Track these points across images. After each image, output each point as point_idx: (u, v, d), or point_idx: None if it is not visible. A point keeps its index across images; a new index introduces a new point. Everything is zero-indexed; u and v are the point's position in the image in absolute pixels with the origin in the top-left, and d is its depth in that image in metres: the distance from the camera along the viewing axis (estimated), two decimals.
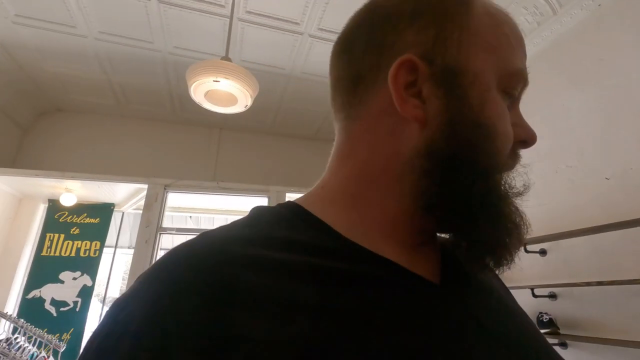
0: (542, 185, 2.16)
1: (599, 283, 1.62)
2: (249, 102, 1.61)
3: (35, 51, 2.69)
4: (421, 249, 0.33)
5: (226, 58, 1.60)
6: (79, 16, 2.36)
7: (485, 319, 0.31)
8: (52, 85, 3.12)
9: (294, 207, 0.33)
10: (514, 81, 0.32)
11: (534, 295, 1.99)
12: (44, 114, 3.48)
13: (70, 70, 2.91)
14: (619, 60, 1.83)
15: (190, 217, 4.40)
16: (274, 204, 0.35)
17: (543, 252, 2.08)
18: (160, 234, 2.94)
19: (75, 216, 3.47)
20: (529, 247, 2.08)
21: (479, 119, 0.30)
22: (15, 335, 2.07)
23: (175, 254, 0.28)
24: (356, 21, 0.35)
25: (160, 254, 3.04)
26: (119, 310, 0.26)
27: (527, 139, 0.34)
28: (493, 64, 0.31)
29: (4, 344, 1.94)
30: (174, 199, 3.70)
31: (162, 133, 3.64)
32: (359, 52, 0.33)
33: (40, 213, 3.44)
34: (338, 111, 0.36)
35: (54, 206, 3.43)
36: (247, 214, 0.33)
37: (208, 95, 1.58)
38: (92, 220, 3.51)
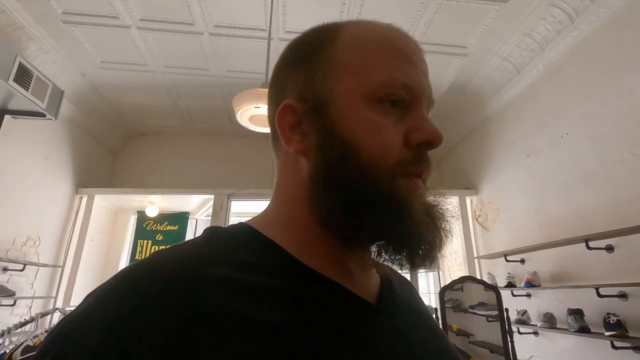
0: (604, 175, 1.99)
1: None
2: None
3: (118, 88, 3.20)
4: (362, 273, 0.37)
5: (266, 84, 1.78)
6: (148, 55, 2.76)
7: (415, 340, 0.35)
8: (133, 114, 3.65)
9: (246, 228, 0.36)
10: (388, 90, 0.33)
11: (599, 295, 1.85)
12: (129, 138, 4.08)
13: (145, 100, 3.38)
14: None
15: None
16: None
17: (610, 249, 1.92)
18: None
19: (158, 224, 4.01)
20: (592, 244, 1.94)
21: (341, 136, 0.33)
22: None
23: (134, 271, 0.28)
24: (272, 75, 0.42)
25: None
26: (72, 327, 0.25)
27: (428, 139, 0.33)
28: (356, 83, 0.34)
29: None
30: (240, 205, 4.07)
31: (224, 146, 4.03)
32: (270, 102, 0.40)
33: (132, 223, 4.04)
34: (273, 151, 0.42)
35: (141, 217, 4.00)
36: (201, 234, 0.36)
37: (252, 118, 1.77)
38: (172, 228, 4.02)
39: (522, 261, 2.62)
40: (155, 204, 3.84)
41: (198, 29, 2.49)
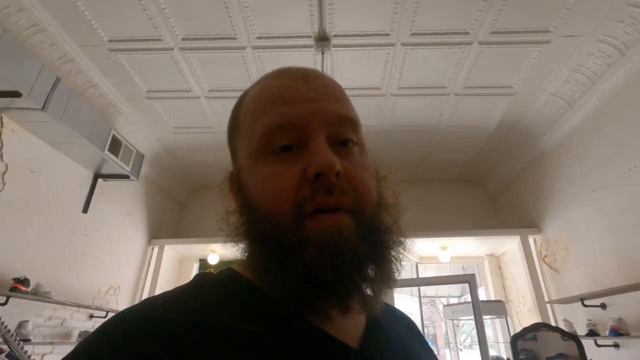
0: None
1: None
2: None
3: (187, 149, 3.60)
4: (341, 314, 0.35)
5: None
6: (214, 119, 3.12)
7: None
8: (198, 170, 4.04)
9: (232, 274, 0.37)
10: (266, 140, 0.34)
11: None
12: (193, 191, 4.47)
13: (210, 157, 3.75)
14: None
15: None
16: None
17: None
18: None
19: None
20: None
21: (246, 198, 0.35)
22: None
23: (126, 319, 0.29)
24: None
25: None
26: None
27: (318, 171, 0.31)
28: (247, 145, 0.36)
29: None
30: None
31: None
32: None
33: (194, 271, 4.30)
34: None
35: (203, 264, 4.25)
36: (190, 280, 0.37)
37: None
38: None
39: (603, 306, 2.38)
40: (216, 252, 4.08)
41: None
